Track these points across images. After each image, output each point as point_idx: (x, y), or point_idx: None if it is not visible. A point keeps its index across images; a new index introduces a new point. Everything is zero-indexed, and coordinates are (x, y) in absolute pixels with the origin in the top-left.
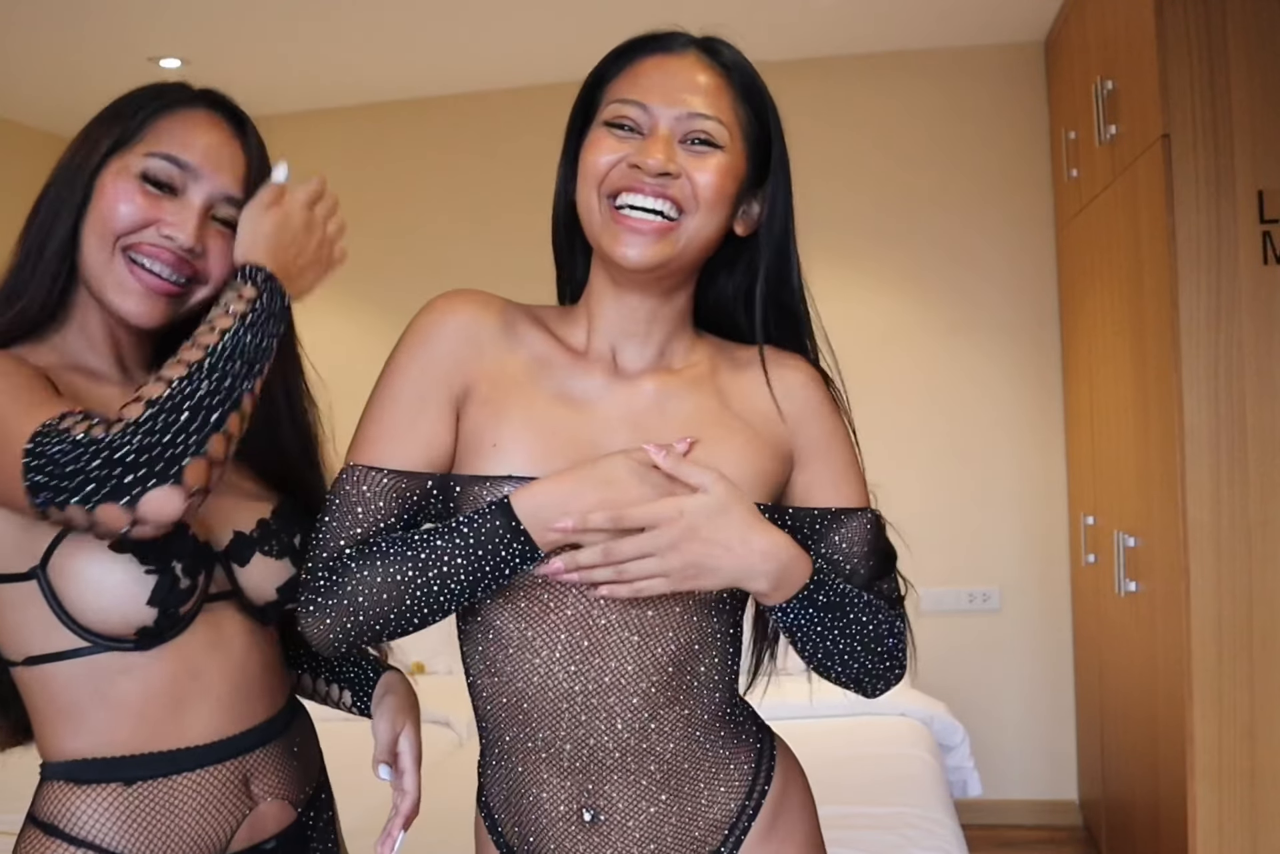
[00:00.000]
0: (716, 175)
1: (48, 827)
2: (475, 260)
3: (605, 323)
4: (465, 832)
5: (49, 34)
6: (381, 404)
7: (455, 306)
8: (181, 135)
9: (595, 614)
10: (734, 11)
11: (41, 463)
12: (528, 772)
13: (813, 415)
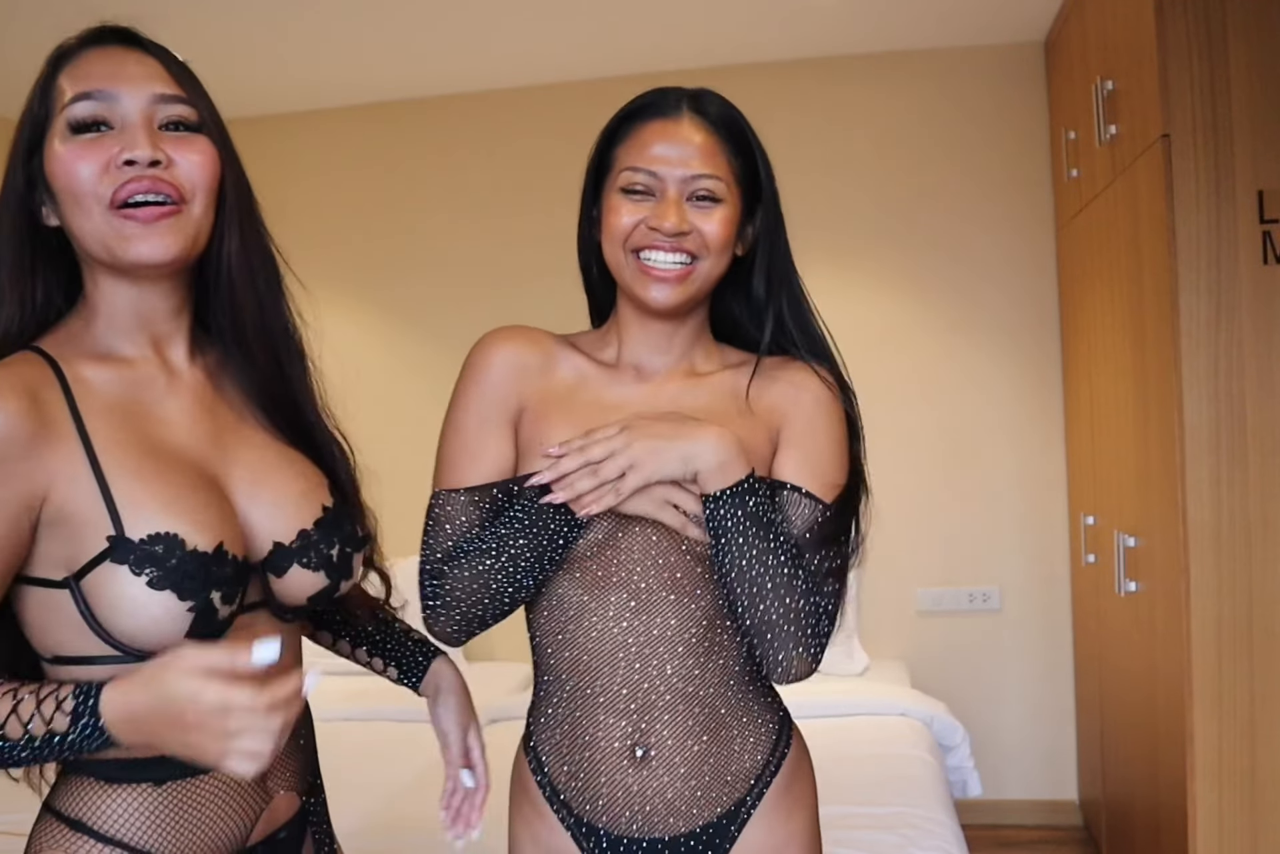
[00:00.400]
0: (721, 226)
1: (74, 822)
2: (474, 259)
3: (633, 342)
4: None
5: (48, 34)
6: (451, 434)
7: (501, 342)
8: (80, 76)
9: (637, 579)
10: (734, 11)
11: None
12: (585, 715)
13: (799, 411)
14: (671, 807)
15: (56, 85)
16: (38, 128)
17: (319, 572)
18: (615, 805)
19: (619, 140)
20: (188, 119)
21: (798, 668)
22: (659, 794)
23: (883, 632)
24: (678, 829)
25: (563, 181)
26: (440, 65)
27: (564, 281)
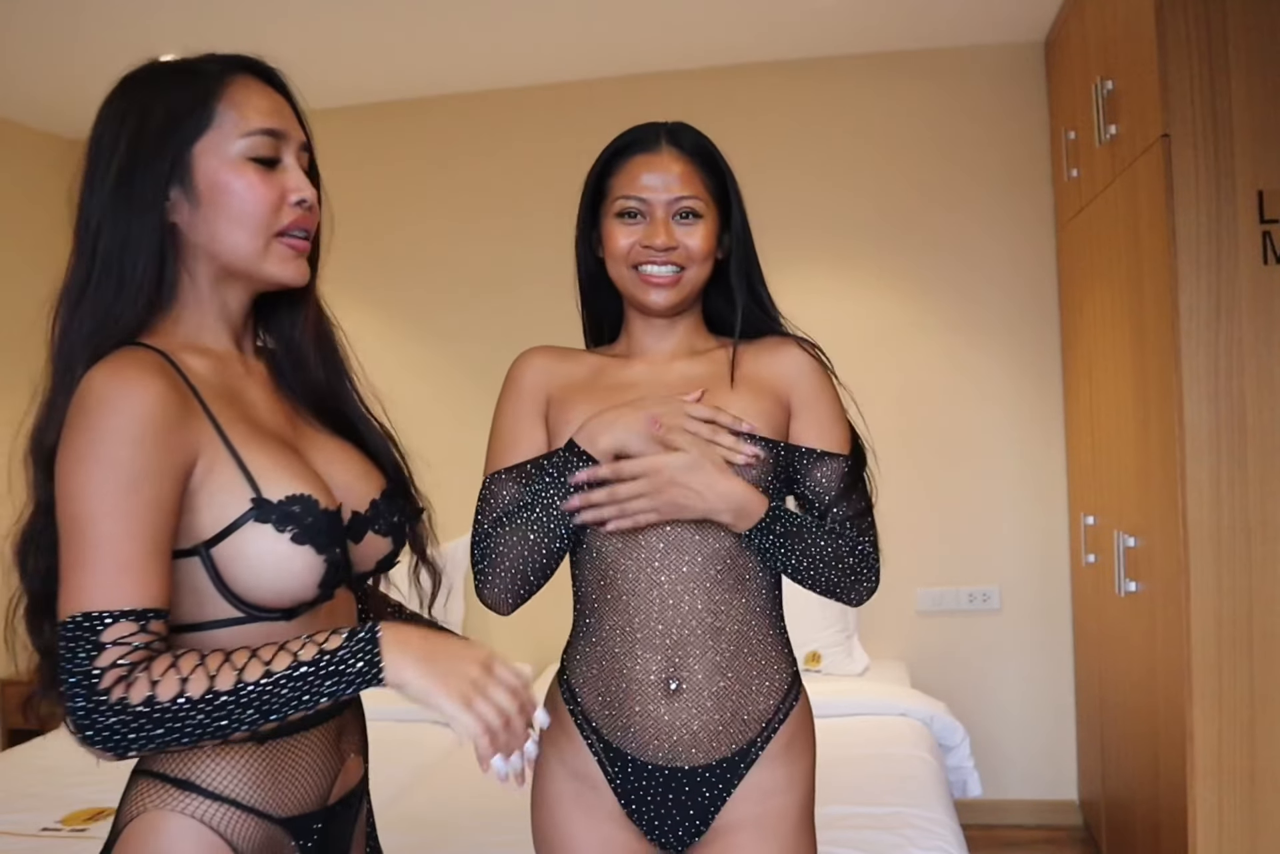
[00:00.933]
0: (702, 240)
1: (181, 782)
2: (474, 259)
3: (640, 335)
4: (464, 830)
5: (48, 34)
6: (495, 433)
7: (529, 356)
8: (248, 107)
9: (665, 524)
10: (734, 11)
11: (62, 644)
12: (624, 650)
13: (803, 378)
14: (695, 738)
15: (220, 104)
16: (190, 132)
17: (387, 537)
18: (645, 734)
19: (611, 173)
20: (313, 162)
21: (867, 594)
22: (686, 725)
23: (883, 632)
24: (697, 760)
25: (562, 181)
26: (440, 65)
27: (563, 280)
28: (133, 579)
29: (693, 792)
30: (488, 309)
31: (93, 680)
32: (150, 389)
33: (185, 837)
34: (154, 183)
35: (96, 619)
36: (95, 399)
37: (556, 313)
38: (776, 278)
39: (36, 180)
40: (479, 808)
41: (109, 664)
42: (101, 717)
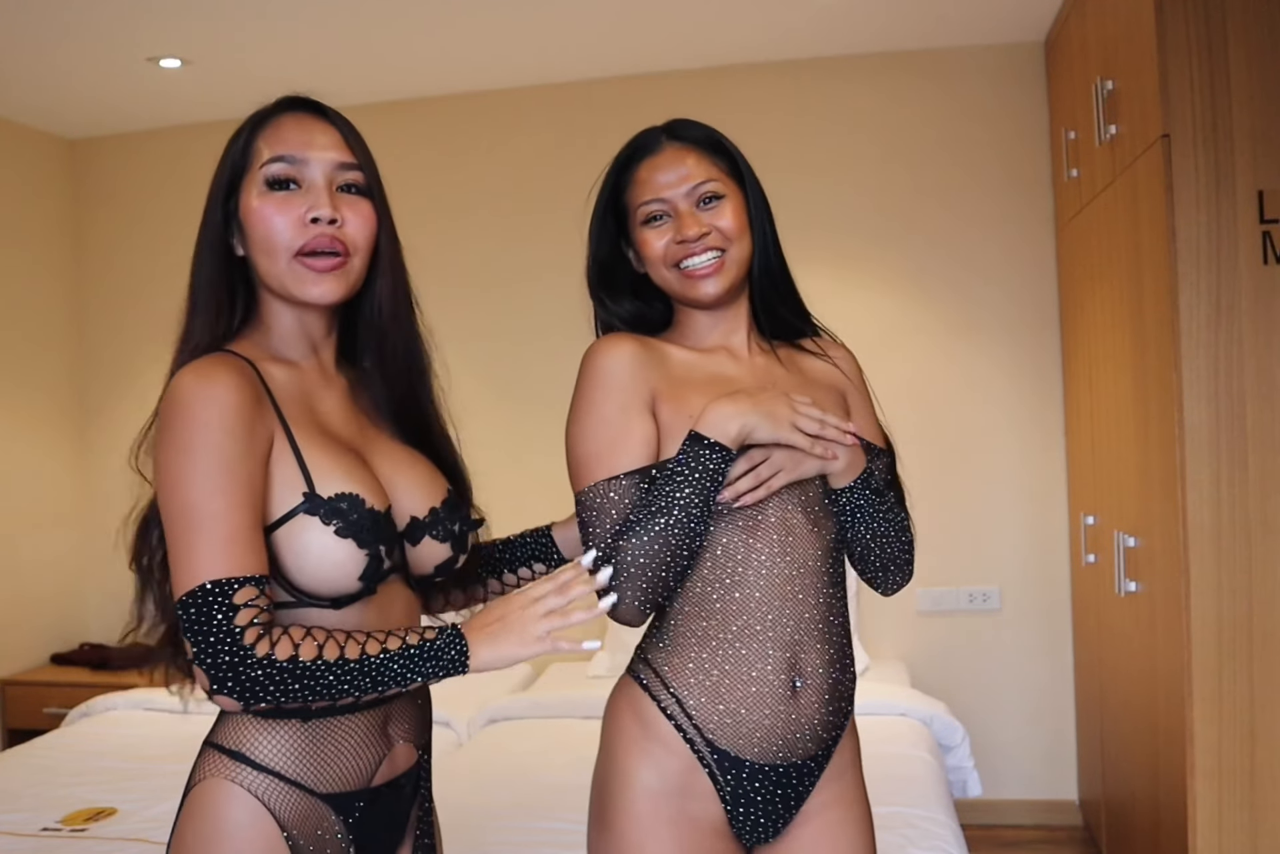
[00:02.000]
0: (731, 217)
1: (235, 754)
2: (474, 258)
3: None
4: (464, 830)
5: (49, 34)
6: (591, 432)
7: (615, 344)
8: (278, 138)
9: (787, 516)
10: (735, 12)
11: (192, 614)
12: (752, 652)
13: (854, 377)
14: (814, 733)
15: (255, 146)
16: (235, 176)
17: (445, 543)
18: (772, 737)
19: (624, 187)
20: (358, 183)
21: (905, 580)
22: (809, 721)
23: (883, 632)
24: (810, 752)
25: (562, 181)
26: (440, 65)
27: (562, 279)
28: (244, 549)
29: (797, 782)
30: (488, 308)
31: (237, 637)
32: (233, 384)
33: (233, 804)
34: (218, 224)
35: (226, 585)
36: (186, 394)
37: (556, 312)
38: None
39: (36, 180)
40: (480, 809)
41: (248, 623)
42: (248, 670)
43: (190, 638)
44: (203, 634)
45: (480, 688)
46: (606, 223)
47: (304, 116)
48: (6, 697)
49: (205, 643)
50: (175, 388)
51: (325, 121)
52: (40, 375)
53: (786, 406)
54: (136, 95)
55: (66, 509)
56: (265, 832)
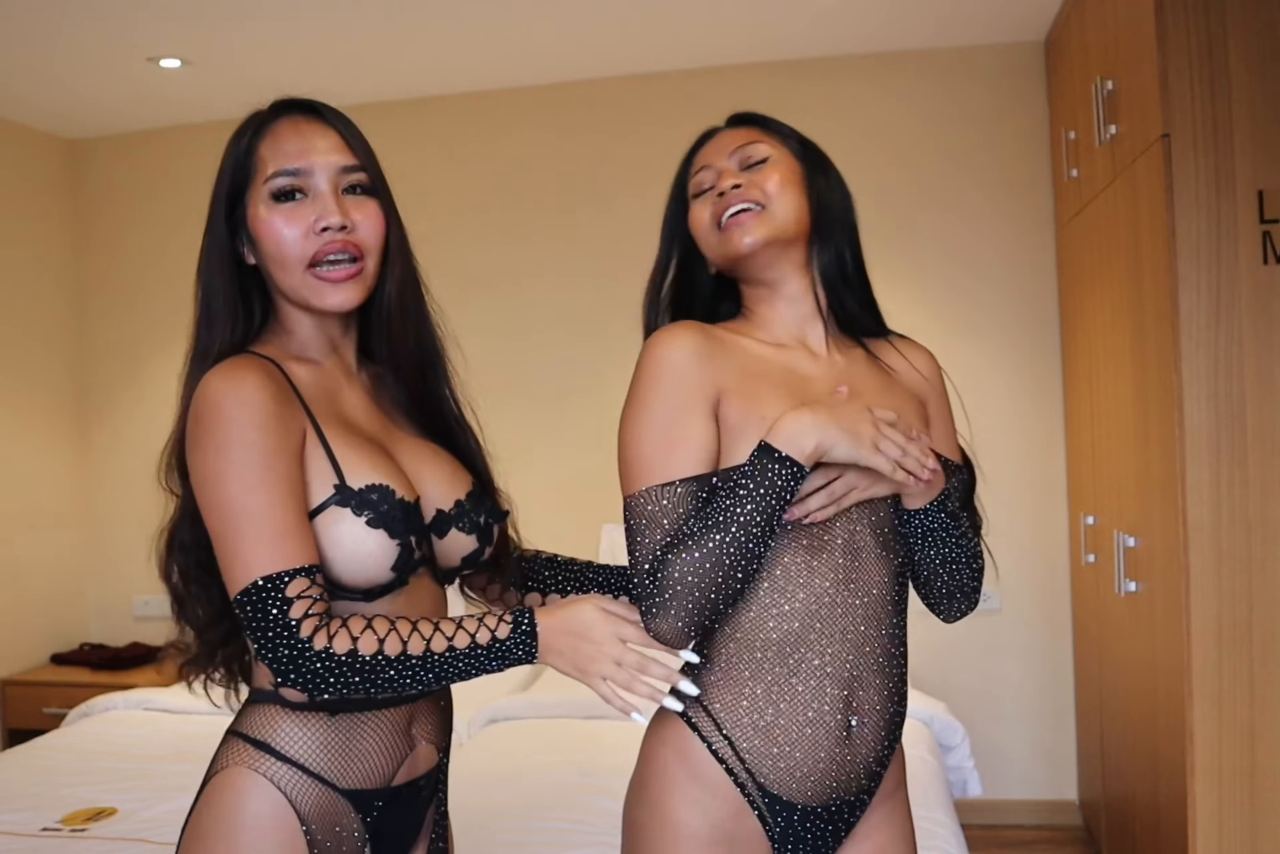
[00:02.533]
0: (775, 173)
1: (259, 743)
2: (473, 258)
3: (784, 319)
4: (465, 830)
5: (49, 34)
6: (646, 432)
7: (676, 336)
8: (277, 150)
9: (856, 537)
10: (735, 11)
11: (249, 612)
12: (808, 689)
13: (935, 388)
14: (869, 769)
15: (256, 156)
16: (238, 185)
17: (471, 535)
18: (826, 779)
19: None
20: (363, 183)
21: (969, 609)
22: (865, 759)
23: None
24: (864, 787)
25: (562, 180)
26: (440, 65)
27: (562, 279)
28: (293, 542)
29: (849, 815)
30: (488, 307)
31: (293, 630)
32: (260, 383)
33: (255, 793)
34: (224, 234)
35: (277, 579)
36: (215, 396)
37: (556, 311)
38: None
39: (36, 180)
40: (480, 809)
41: (303, 614)
42: (307, 663)
43: (250, 635)
44: (261, 630)
45: (480, 689)
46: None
47: (301, 121)
48: (6, 697)
49: (265, 637)
50: (204, 391)
51: (323, 124)
52: (40, 375)
53: (870, 424)
54: (136, 95)
55: (66, 509)
56: (285, 824)
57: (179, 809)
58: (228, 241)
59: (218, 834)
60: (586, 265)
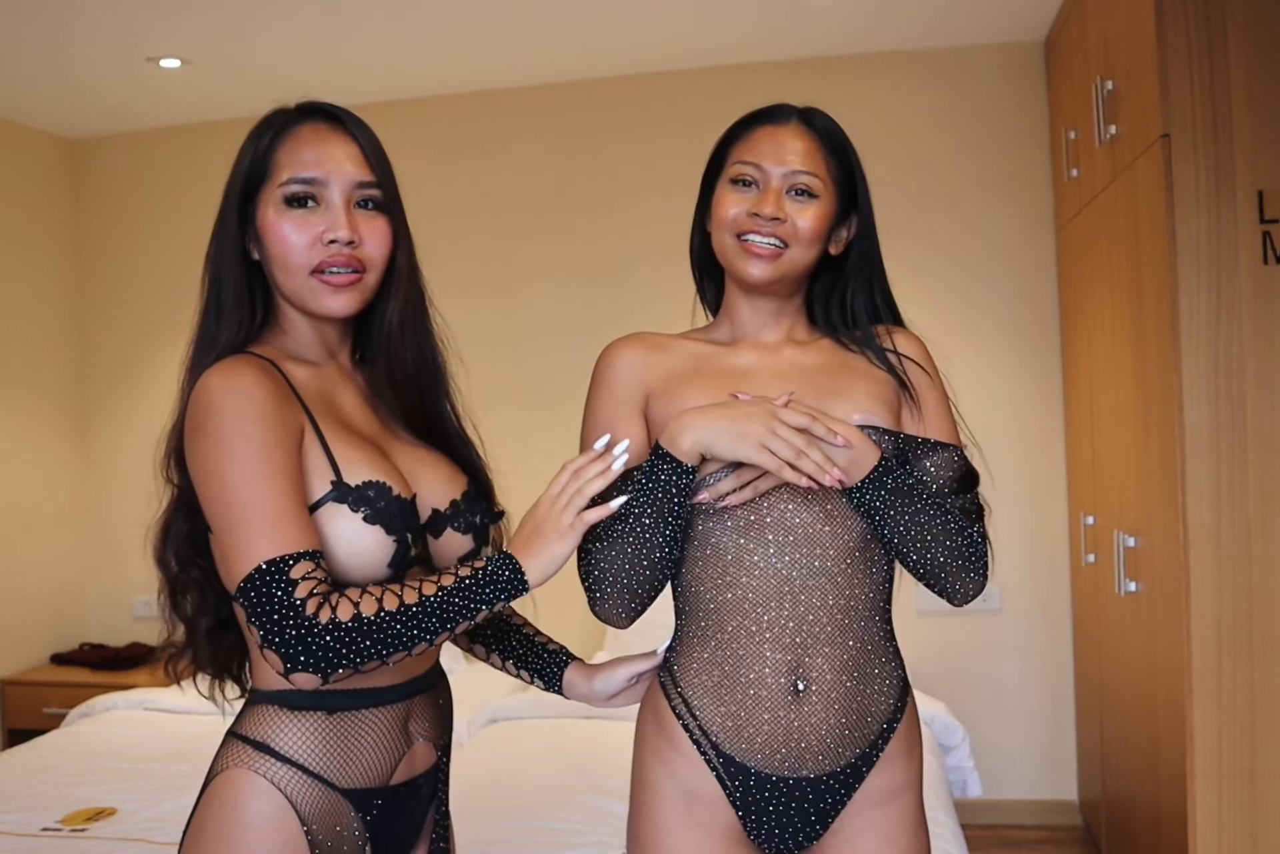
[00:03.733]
0: (814, 220)
1: (258, 744)
2: (474, 258)
3: (745, 320)
4: (465, 830)
5: (49, 34)
6: (586, 435)
7: (618, 347)
8: (296, 156)
9: (789, 515)
10: (735, 11)
11: (253, 597)
12: (749, 653)
13: (920, 371)
14: (823, 745)
15: (274, 158)
16: (252, 183)
17: (467, 535)
18: (774, 743)
19: (734, 141)
20: (376, 199)
21: (973, 590)
22: (815, 730)
23: None
24: (823, 768)
25: (562, 181)
26: (440, 65)
27: (563, 279)
28: (293, 528)
29: (815, 799)
30: (488, 308)
31: (299, 609)
32: (259, 380)
33: (256, 794)
34: (236, 228)
35: (281, 562)
36: (215, 392)
37: (556, 312)
38: None
39: (36, 180)
40: (480, 809)
41: (307, 594)
42: (316, 639)
43: (255, 622)
44: (266, 614)
45: (480, 689)
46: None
47: (324, 129)
48: (6, 697)
49: (270, 621)
50: (203, 388)
51: (345, 134)
52: (40, 375)
53: (762, 424)
54: (136, 95)
55: (66, 509)
56: (286, 825)
57: (179, 809)
58: (239, 236)
59: (219, 836)
60: (586, 266)
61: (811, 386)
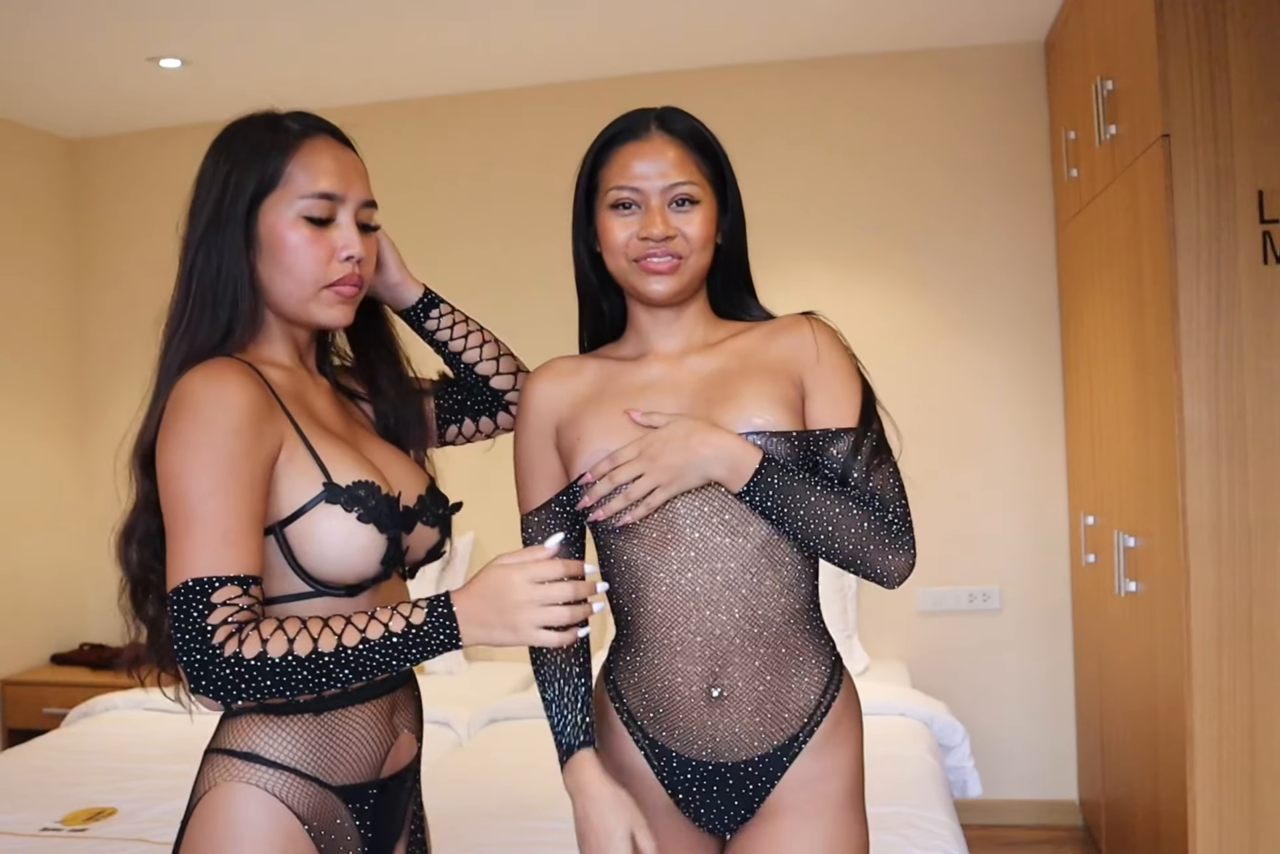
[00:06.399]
0: (701, 226)
1: (246, 755)
2: (474, 258)
3: (648, 333)
4: (464, 830)
5: (49, 34)
6: (515, 467)
7: (531, 381)
8: (315, 170)
9: (689, 531)
10: (735, 12)
11: (174, 611)
12: (663, 663)
13: (812, 357)
14: (737, 739)
15: (289, 168)
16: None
17: (434, 528)
18: (689, 736)
19: (601, 164)
20: (370, 220)
21: (898, 570)
22: (729, 729)
23: (883, 632)
24: (739, 757)
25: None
26: (439, 65)
27: (564, 280)
28: (235, 550)
29: (737, 784)
30: (489, 308)
31: (207, 636)
32: (243, 387)
33: (251, 804)
34: (238, 229)
35: (207, 583)
36: (196, 396)
37: (557, 312)
38: (778, 276)
39: (36, 180)
40: (480, 809)
41: (220, 622)
42: (217, 668)
43: (173, 634)
44: (180, 631)
45: (480, 689)
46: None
47: (336, 147)
48: (6, 697)
49: (182, 640)
50: (185, 389)
51: (353, 153)
52: (40, 375)
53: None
54: (136, 95)
55: (67, 509)
56: (286, 827)
57: (179, 809)
58: (238, 239)
59: (218, 848)
60: None
61: (705, 397)
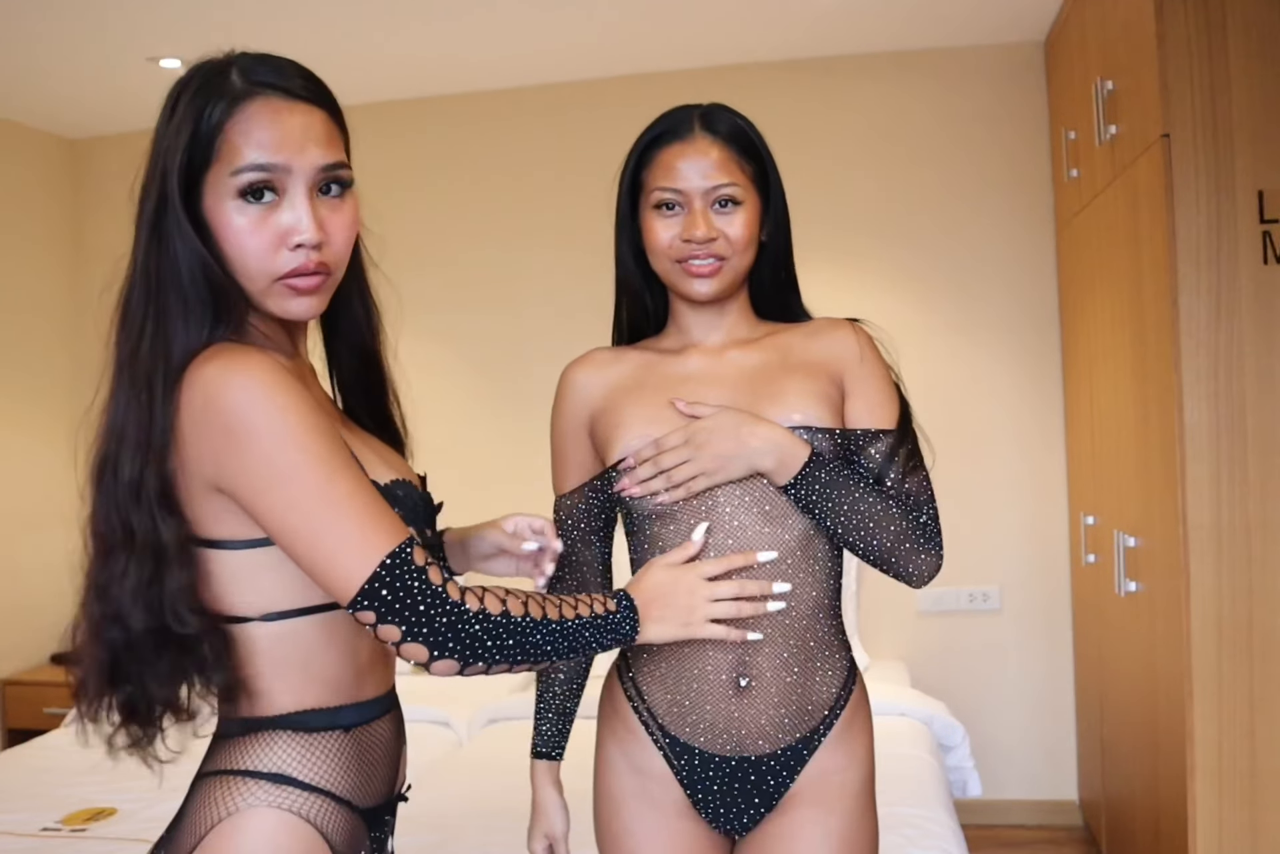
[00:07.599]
0: (744, 227)
1: (277, 777)
2: (475, 258)
3: (692, 327)
4: (464, 830)
5: (49, 34)
6: (551, 453)
7: (568, 370)
8: (249, 136)
9: (728, 518)
10: (734, 12)
11: (385, 596)
12: (694, 650)
13: (854, 358)
14: (762, 731)
15: (225, 136)
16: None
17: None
18: (715, 729)
19: (645, 165)
20: (342, 180)
21: (928, 569)
22: (754, 720)
23: (883, 632)
24: (763, 750)
25: (563, 180)
26: (441, 65)
27: (565, 279)
28: (390, 517)
29: (758, 779)
30: (490, 308)
31: (442, 596)
32: (273, 365)
33: (283, 832)
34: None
35: (401, 552)
36: (243, 385)
37: (559, 312)
38: None
39: (36, 180)
40: (480, 809)
41: (443, 580)
42: (466, 626)
43: (395, 619)
44: (409, 607)
45: (480, 689)
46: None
47: (283, 105)
48: (6, 697)
49: (416, 613)
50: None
51: (306, 105)
52: (40, 376)
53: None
54: (136, 95)
55: (67, 510)
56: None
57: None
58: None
59: None
60: (586, 266)
61: (748, 390)
